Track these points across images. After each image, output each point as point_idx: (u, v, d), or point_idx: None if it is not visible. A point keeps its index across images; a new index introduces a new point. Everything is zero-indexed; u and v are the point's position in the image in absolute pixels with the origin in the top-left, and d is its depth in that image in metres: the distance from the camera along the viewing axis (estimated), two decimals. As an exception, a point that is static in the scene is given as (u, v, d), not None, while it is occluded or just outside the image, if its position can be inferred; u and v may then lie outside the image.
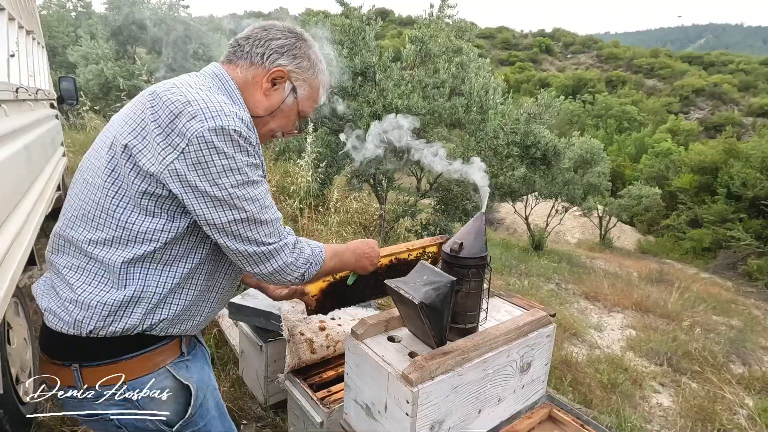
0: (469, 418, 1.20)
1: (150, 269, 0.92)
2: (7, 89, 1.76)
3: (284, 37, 1.03)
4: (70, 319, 0.91)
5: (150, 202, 0.89)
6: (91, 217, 0.92)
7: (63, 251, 0.96)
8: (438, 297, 1.09)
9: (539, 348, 1.35)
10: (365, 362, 1.19)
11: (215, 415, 1.08)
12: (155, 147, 0.86)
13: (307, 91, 1.08)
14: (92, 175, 0.93)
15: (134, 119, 0.90)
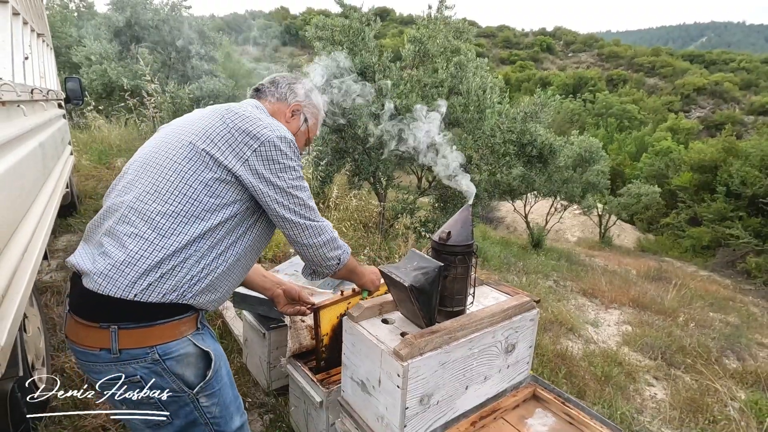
0: (457, 393, 1.30)
1: (199, 244, 1.10)
2: (24, 90, 1.86)
3: (298, 82, 1.42)
4: (122, 282, 1.03)
5: (218, 186, 1.11)
6: (165, 193, 1.10)
7: (127, 221, 1.09)
8: (427, 281, 1.19)
9: (523, 331, 1.45)
10: (361, 342, 1.29)
11: (227, 382, 1.20)
12: (234, 146, 1.12)
13: (313, 121, 1.46)
14: (168, 162, 1.13)
15: (211, 129, 1.15)
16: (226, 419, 1.19)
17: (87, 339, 1.05)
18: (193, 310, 1.13)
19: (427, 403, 1.22)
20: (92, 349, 1.05)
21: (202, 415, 1.14)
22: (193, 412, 1.13)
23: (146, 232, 1.07)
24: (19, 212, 1.47)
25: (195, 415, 1.13)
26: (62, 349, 2.55)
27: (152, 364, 1.05)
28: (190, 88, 8.43)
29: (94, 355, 1.05)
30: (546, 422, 1.40)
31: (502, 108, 5.19)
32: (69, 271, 3.56)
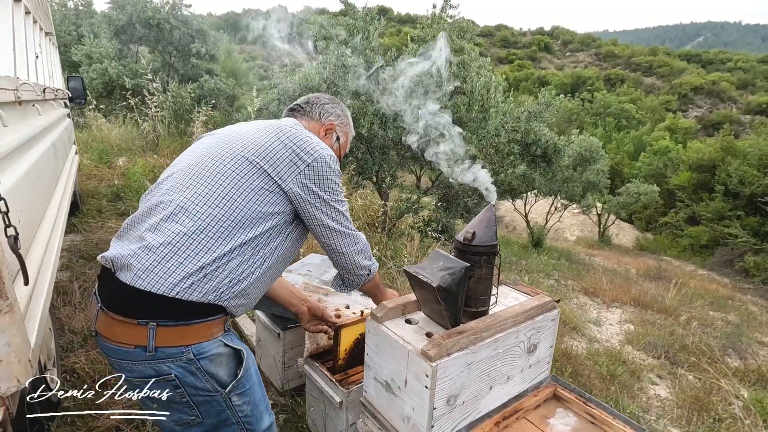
0: (481, 393, 1.30)
1: (242, 250, 1.14)
2: (38, 90, 1.85)
3: (331, 102, 1.51)
4: (165, 278, 1.05)
5: (267, 197, 1.18)
6: (217, 198, 1.14)
7: (176, 220, 1.11)
8: (453, 281, 1.20)
9: (545, 331, 1.45)
10: (385, 342, 1.29)
11: (256, 381, 1.22)
12: (287, 162, 1.20)
13: (345, 140, 1.55)
14: (222, 170, 1.18)
15: (267, 146, 1.21)
16: (257, 418, 1.20)
17: (123, 336, 1.05)
18: (223, 312, 1.14)
19: (454, 403, 1.22)
20: (126, 347, 1.05)
21: (234, 413, 1.15)
22: (225, 411, 1.14)
23: (195, 234, 1.10)
24: (40, 212, 1.47)
25: (227, 414, 1.14)
26: (71, 350, 2.55)
27: (187, 363, 1.07)
28: (191, 87, 8.40)
29: (127, 353, 1.05)
30: (568, 422, 1.41)
31: (507, 107, 5.19)
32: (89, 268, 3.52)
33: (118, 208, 5.10)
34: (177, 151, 7.28)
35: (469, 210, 6.23)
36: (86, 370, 2.34)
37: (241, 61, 23.38)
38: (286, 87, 5.23)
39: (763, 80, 55.95)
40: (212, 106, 8.23)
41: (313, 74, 5.38)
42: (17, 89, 1.36)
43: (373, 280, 1.43)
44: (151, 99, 7.60)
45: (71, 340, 2.64)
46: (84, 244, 3.93)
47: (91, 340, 2.63)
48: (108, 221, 4.70)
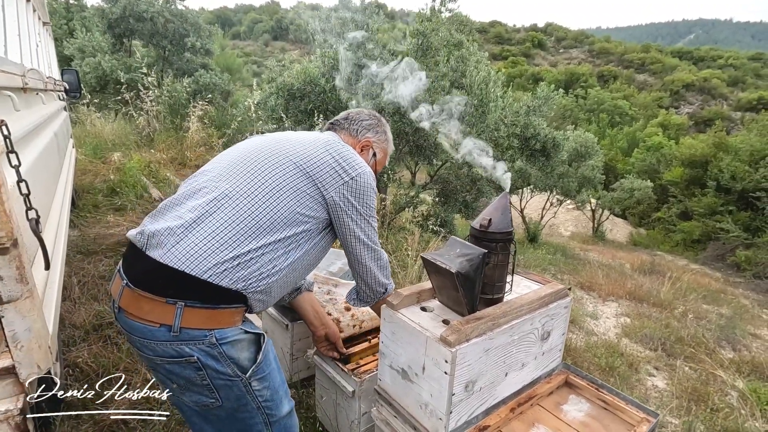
0: (498, 379, 1.30)
1: (276, 246, 1.17)
2: (40, 79, 1.81)
3: (370, 119, 1.54)
4: (201, 261, 1.06)
5: (307, 201, 1.22)
6: (261, 195, 1.17)
7: (220, 207, 1.14)
8: (471, 267, 1.20)
9: (558, 318, 1.46)
10: (402, 329, 1.29)
11: (275, 367, 1.24)
12: (333, 173, 1.24)
13: (382, 156, 1.57)
14: (270, 169, 1.22)
15: (316, 156, 1.25)
16: (277, 403, 1.21)
17: (150, 313, 1.06)
18: (245, 303, 1.15)
19: (471, 389, 1.22)
20: (152, 324, 1.06)
21: (254, 398, 1.16)
22: (245, 396, 1.15)
23: (235, 223, 1.12)
24: (47, 202, 1.44)
25: (246, 399, 1.15)
26: (73, 344, 2.52)
27: (209, 347, 1.08)
28: (186, 82, 8.31)
29: (150, 332, 1.06)
30: (581, 408, 1.42)
31: (505, 102, 5.20)
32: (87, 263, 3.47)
33: (114, 203, 5.04)
34: (173, 146, 7.21)
35: (468, 205, 6.24)
36: (89, 364, 2.32)
37: (234, 56, 23.20)
38: (284, 81, 5.20)
39: (753, 77, 56.63)
40: (208, 101, 8.15)
41: (311, 68, 5.36)
42: (25, 75, 1.34)
43: (383, 299, 1.44)
44: (146, 93, 7.50)
45: (72, 335, 2.61)
46: (81, 240, 3.88)
47: (93, 335, 2.60)
48: (105, 216, 4.65)
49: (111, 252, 3.66)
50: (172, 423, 1.95)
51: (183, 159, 6.89)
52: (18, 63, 1.33)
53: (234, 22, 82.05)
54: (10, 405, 0.86)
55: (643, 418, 1.35)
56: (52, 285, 1.22)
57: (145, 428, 1.93)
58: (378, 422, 1.44)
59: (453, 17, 5.71)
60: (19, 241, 0.82)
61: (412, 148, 5.78)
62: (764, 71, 59.24)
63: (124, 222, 4.44)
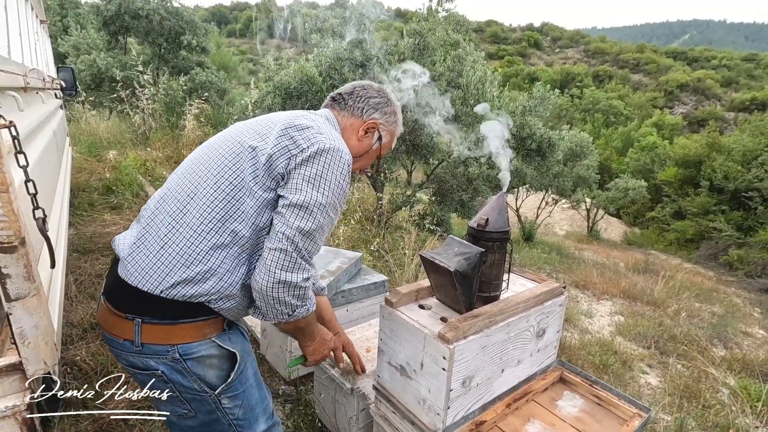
0: (494, 376, 1.33)
1: (232, 248, 1.04)
2: (40, 78, 1.82)
3: (378, 96, 1.30)
4: (152, 275, 1.01)
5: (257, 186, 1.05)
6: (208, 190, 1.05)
7: (169, 213, 1.06)
8: (469, 266, 1.22)
9: (553, 316, 1.49)
10: (400, 327, 1.31)
11: (253, 384, 1.17)
12: (282, 146, 1.05)
13: (388, 139, 1.34)
14: (216, 159, 1.09)
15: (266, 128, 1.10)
16: (251, 422, 1.16)
17: (114, 327, 1.05)
18: (216, 313, 1.09)
19: (469, 385, 1.25)
20: (118, 338, 1.04)
21: (224, 415, 1.12)
22: (215, 412, 1.11)
23: (181, 226, 1.03)
24: (48, 201, 1.45)
25: (217, 415, 1.11)
26: (71, 342, 2.53)
27: (173, 362, 1.04)
28: (182, 80, 8.29)
29: (119, 344, 1.05)
30: (575, 404, 1.45)
31: (502, 101, 5.23)
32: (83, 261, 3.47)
33: (110, 201, 5.03)
34: (169, 145, 7.20)
35: (464, 204, 6.27)
36: (87, 362, 2.33)
37: (230, 54, 23.10)
38: (281, 80, 5.20)
39: (746, 78, 57.11)
40: (204, 99, 8.13)
41: (308, 66, 5.36)
42: (26, 75, 1.35)
43: (297, 323, 1.14)
44: (141, 91, 7.48)
45: (70, 333, 2.61)
46: (77, 238, 3.88)
47: (91, 333, 2.61)
48: (101, 215, 4.64)
49: (107, 251, 3.65)
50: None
51: (179, 157, 6.88)
52: (20, 63, 1.34)
53: (230, 19, 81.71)
54: (18, 401, 0.88)
55: (635, 413, 1.38)
56: (55, 283, 1.23)
57: (145, 426, 1.94)
58: (377, 418, 1.47)
59: (450, 17, 5.73)
60: (26, 240, 0.84)
61: (408, 147, 5.81)
62: (757, 72, 59.77)
63: (121, 220, 4.44)
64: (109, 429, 1.95)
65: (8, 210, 0.79)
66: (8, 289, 0.82)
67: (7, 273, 0.82)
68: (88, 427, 1.95)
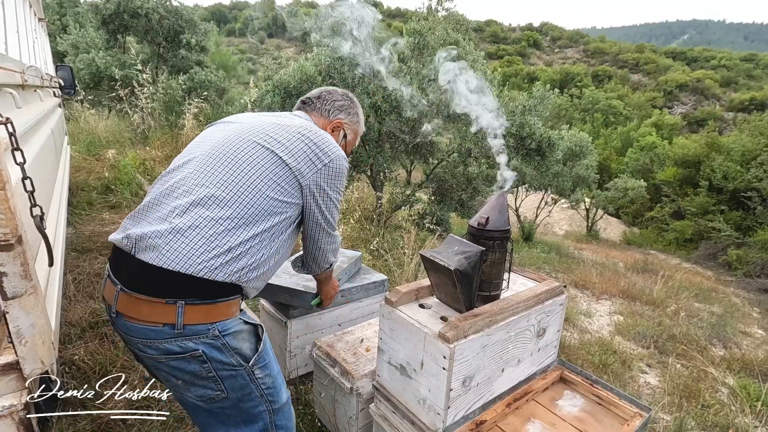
0: (494, 375, 1.33)
1: (264, 236, 1.20)
2: (38, 75, 1.81)
3: (342, 99, 1.55)
4: (194, 260, 1.09)
5: (288, 189, 1.24)
6: (244, 187, 1.18)
7: (203, 205, 1.15)
8: (470, 264, 1.22)
9: (553, 315, 1.48)
10: (401, 326, 1.30)
11: (272, 357, 1.28)
12: (309, 159, 1.26)
13: (352, 137, 1.59)
14: (247, 159, 1.23)
15: (290, 143, 1.27)
16: (278, 390, 1.26)
17: (152, 315, 1.08)
18: (240, 293, 1.19)
19: (469, 385, 1.24)
20: (155, 325, 1.08)
21: (257, 386, 1.20)
22: (249, 385, 1.18)
23: (223, 219, 1.14)
24: (47, 199, 1.44)
25: (251, 388, 1.19)
26: (69, 342, 2.52)
27: (213, 339, 1.11)
28: (181, 79, 8.27)
29: (154, 331, 1.08)
30: (576, 403, 1.44)
31: (502, 101, 5.23)
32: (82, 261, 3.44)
33: (109, 200, 5.02)
34: (168, 144, 7.18)
35: (463, 203, 6.27)
36: (86, 361, 2.32)
37: (229, 53, 23.07)
38: (281, 79, 5.19)
39: (745, 78, 57.18)
40: (203, 98, 8.12)
41: (308, 65, 5.35)
42: (24, 72, 1.34)
43: (329, 272, 1.56)
44: (140, 90, 7.46)
45: (68, 332, 2.60)
46: (76, 237, 3.87)
47: (89, 332, 2.60)
48: (100, 214, 4.63)
49: (106, 249, 3.64)
50: (170, 421, 1.96)
51: (178, 156, 6.85)
52: (18, 60, 1.33)
53: (229, 19, 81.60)
54: (14, 400, 0.87)
55: (636, 413, 1.38)
56: (53, 281, 1.22)
57: (144, 426, 1.93)
58: (376, 418, 1.46)
59: (449, 16, 5.72)
60: (23, 238, 0.83)
61: (408, 146, 5.80)
62: (756, 72, 59.84)
63: (119, 219, 4.43)
64: (107, 429, 1.94)
65: (5, 207, 0.78)
66: (5, 288, 0.82)
67: (3, 271, 0.81)
68: (87, 426, 1.94)
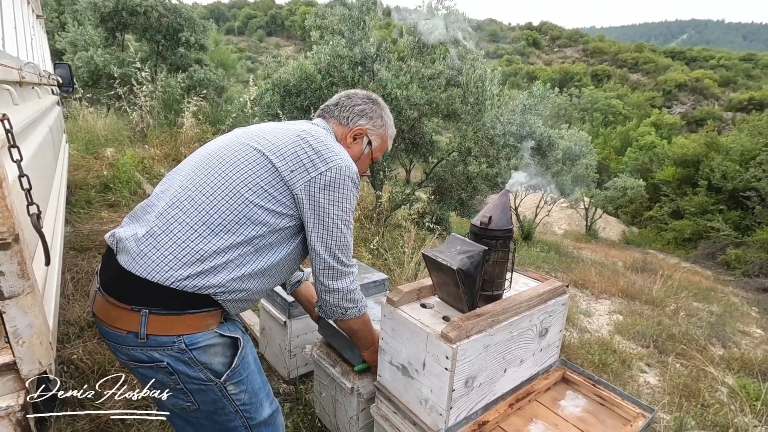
0: (497, 376, 1.32)
1: (245, 248, 1.09)
2: (36, 72, 1.79)
3: (363, 103, 1.37)
4: (162, 267, 1.02)
5: (276, 196, 1.11)
6: (223, 190, 1.09)
7: (180, 208, 1.08)
8: (472, 264, 1.20)
9: (556, 315, 1.47)
10: (402, 326, 1.29)
11: (254, 369, 1.19)
12: (301, 164, 1.12)
13: (379, 143, 1.40)
14: (233, 162, 1.13)
15: (283, 145, 1.15)
16: (256, 406, 1.17)
17: (118, 320, 1.04)
18: (219, 306, 1.12)
19: (471, 385, 1.23)
20: (120, 332, 1.04)
21: (230, 402, 1.13)
22: (221, 400, 1.12)
23: (198, 225, 1.06)
24: (44, 198, 1.43)
25: (223, 403, 1.12)
26: (67, 341, 2.51)
27: (179, 353, 1.04)
28: (180, 77, 8.25)
29: (121, 338, 1.04)
30: (578, 404, 1.44)
31: (501, 100, 5.22)
32: (81, 259, 3.44)
33: (107, 199, 5.00)
34: (167, 142, 7.16)
35: (463, 202, 6.26)
36: (84, 361, 2.31)
37: (228, 51, 23.02)
38: (280, 77, 5.17)
39: (744, 78, 57.30)
40: (202, 96, 8.09)
41: (307, 64, 5.33)
42: (21, 69, 1.32)
43: (350, 322, 1.32)
44: (139, 88, 7.43)
45: (66, 331, 2.59)
46: (74, 236, 3.85)
47: (87, 331, 2.59)
48: (98, 212, 4.61)
49: (104, 248, 3.63)
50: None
51: (177, 155, 6.84)
52: (15, 56, 1.32)
53: (228, 17, 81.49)
54: (11, 401, 0.85)
55: (638, 414, 1.37)
56: (51, 280, 1.21)
57: (142, 426, 1.92)
58: (377, 418, 1.45)
59: (449, 15, 5.70)
60: (20, 237, 0.82)
61: (407, 145, 5.79)
62: (755, 72, 59.95)
63: (118, 218, 4.41)
64: (106, 429, 1.93)
65: (1, 205, 0.77)
66: (2, 287, 0.80)
67: (0, 270, 0.80)
68: (85, 426, 1.93)
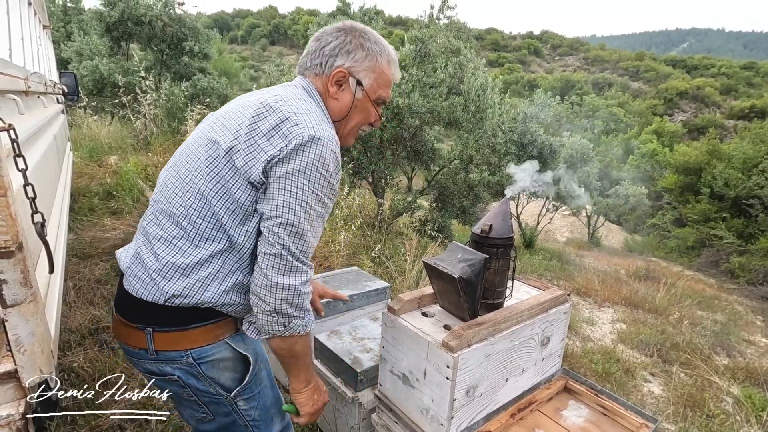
0: (498, 385, 1.31)
1: (226, 254, 1.00)
2: (41, 82, 1.81)
3: (334, 39, 1.08)
4: (152, 287, 1.00)
5: (239, 190, 0.97)
6: (190, 196, 1.00)
7: (157, 223, 1.04)
8: (473, 272, 1.20)
9: (557, 324, 1.47)
10: (403, 335, 1.29)
11: (267, 384, 1.16)
12: (257, 148, 0.94)
13: (373, 77, 1.10)
14: (193, 160, 1.02)
15: (240, 124, 0.98)
16: (267, 422, 1.15)
17: (128, 338, 1.05)
18: (227, 315, 1.08)
19: (473, 394, 1.23)
20: (133, 348, 1.05)
21: (240, 417, 1.12)
22: (232, 414, 1.11)
23: (175, 239, 1.00)
24: (48, 206, 1.44)
25: (234, 417, 1.11)
26: (68, 348, 2.50)
27: (188, 366, 1.04)
28: (184, 86, 8.32)
29: (135, 353, 1.06)
30: (581, 414, 1.42)
31: (503, 108, 5.25)
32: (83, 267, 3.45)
33: (110, 206, 5.02)
34: (170, 150, 7.21)
35: (465, 210, 6.26)
36: (85, 368, 2.30)
37: (232, 60, 23.24)
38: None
39: (745, 86, 57.42)
40: (206, 105, 8.16)
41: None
42: (27, 79, 1.34)
43: (292, 343, 1.03)
44: (143, 97, 7.50)
45: (68, 339, 2.59)
46: (77, 243, 3.87)
47: (89, 339, 2.59)
48: (101, 220, 4.63)
49: (107, 256, 3.64)
50: (169, 429, 1.94)
51: (180, 162, 6.86)
52: (21, 66, 1.33)
53: (232, 26, 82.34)
54: (12, 410, 0.86)
55: (642, 424, 1.36)
56: (53, 288, 1.21)
57: (142, 428, 1.91)
58: (378, 428, 1.44)
59: (451, 24, 5.76)
60: (24, 245, 0.82)
61: (409, 153, 5.81)
62: (756, 80, 60.08)
63: (121, 226, 4.43)
64: (106, 428, 1.92)
65: (6, 214, 0.77)
66: (4, 295, 0.81)
67: (3, 278, 0.80)
68: (84, 426, 1.92)
